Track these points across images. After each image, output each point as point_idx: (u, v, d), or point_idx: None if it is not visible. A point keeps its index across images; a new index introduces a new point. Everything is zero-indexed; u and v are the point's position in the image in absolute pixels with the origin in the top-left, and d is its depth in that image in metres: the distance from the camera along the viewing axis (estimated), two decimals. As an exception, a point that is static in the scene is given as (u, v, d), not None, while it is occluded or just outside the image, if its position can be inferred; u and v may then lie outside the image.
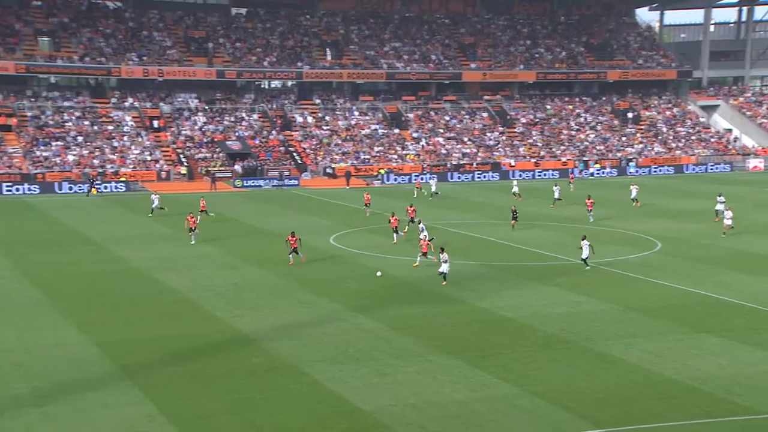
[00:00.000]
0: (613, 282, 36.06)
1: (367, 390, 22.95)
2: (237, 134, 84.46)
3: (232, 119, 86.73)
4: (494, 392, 22.83)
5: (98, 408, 21.40)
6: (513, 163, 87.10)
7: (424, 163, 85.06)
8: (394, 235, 45.13)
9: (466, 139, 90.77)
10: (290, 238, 39.07)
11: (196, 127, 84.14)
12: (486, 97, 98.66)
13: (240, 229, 50.27)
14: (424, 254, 37.91)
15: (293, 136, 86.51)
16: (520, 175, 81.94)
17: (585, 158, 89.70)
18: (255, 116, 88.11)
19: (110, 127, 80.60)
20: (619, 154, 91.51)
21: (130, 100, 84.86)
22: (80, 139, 77.83)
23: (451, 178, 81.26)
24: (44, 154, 74.56)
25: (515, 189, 66.75)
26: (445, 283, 34.57)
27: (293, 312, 31.04)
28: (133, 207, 60.15)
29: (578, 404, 21.78)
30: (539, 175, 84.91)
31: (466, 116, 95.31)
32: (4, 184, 67.90)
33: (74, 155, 75.26)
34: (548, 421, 20.82)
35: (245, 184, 75.08)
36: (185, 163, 78.11)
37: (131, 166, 75.68)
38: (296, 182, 76.69)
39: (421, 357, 25.85)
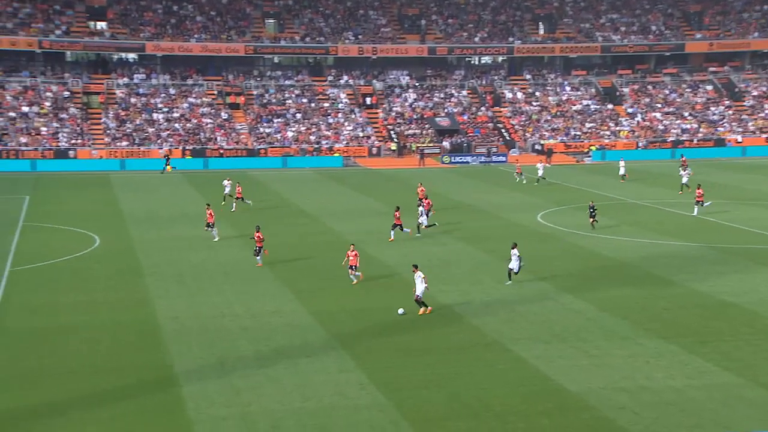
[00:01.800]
0: None
1: (575, 370, 22.55)
2: (446, 110, 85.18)
3: (442, 95, 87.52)
4: (713, 380, 21.67)
5: (314, 373, 22.59)
6: (740, 140, 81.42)
7: (639, 140, 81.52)
8: (392, 232, 39.73)
9: (686, 114, 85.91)
10: (396, 213, 39.39)
11: (407, 104, 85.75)
12: (711, 69, 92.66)
13: (447, 205, 50.80)
14: (351, 267, 31.23)
15: (502, 113, 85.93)
16: (745, 152, 76.25)
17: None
18: (464, 92, 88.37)
19: (326, 105, 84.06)
20: None
21: (345, 77, 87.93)
22: (299, 116, 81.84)
23: (673, 156, 77.27)
24: (267, 130, 79.17)
25: (622, 171, 61.63)
26: (424, 310, 27.31)
27: (499, 289, 31.02)
28: (345, 182, 62.46)
29: (807, 401, 20.22)
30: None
31: (688, 89, 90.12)
32: (232, 159, 72.82)
33: (293, 131, 79.29)
34: (772, 416, 19.50)
35: (453, 161, 75.66)
36: (395, 140, 79.98)
37: (344, 142, 78.58)
38: (504, 159, 76.24)
39: (632, 340, 25.00)
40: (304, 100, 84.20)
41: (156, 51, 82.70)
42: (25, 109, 74.94)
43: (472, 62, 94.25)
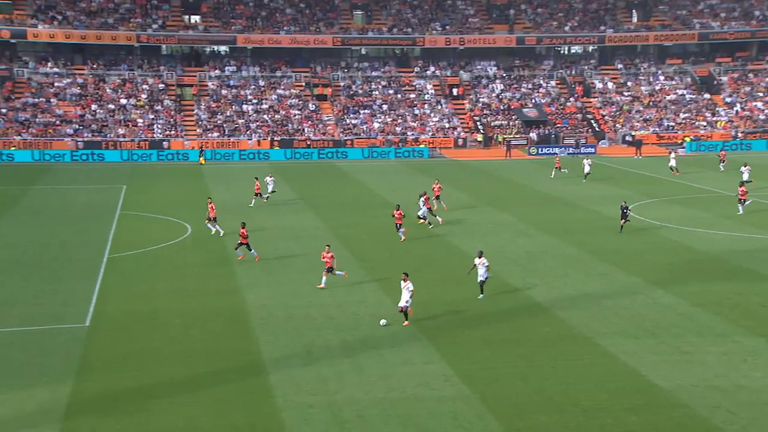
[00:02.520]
0: None
1: (666, 367, 22.00)
2: (534, 101, 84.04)
3: (530, 86, 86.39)
4: (815, 382, 20.80)
5: (399, 364, 22.69)
6: None
7: (737, 130, 78.65)
8: (400, 232, 37.99)
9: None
10: (396, 213, 38.06)
11: (494, 95, 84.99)
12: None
13: (534, 197, 50.17)
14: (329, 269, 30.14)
15: (592, 103, 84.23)
16: None
17: None
18: (553, 83, 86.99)
19: (412, 96, 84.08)
20: None
21: (432, 68, 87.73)
22: (385, 107, 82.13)
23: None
24: (353, 121, 79.75)
25: (672, 162, 58.69)
26: (407, 323, 25.70)
27: (586, 282, 30.49)
28: (431, 173, 62.36)
29: None
30: None
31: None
32: (319, 150, 73.70)
33: (379, 123, 79.63)
34: None
35: (540, 152, 74.62)
36: (481, 131, 79.39)
37: (430, 134, 78.45)
38: (593, 150, 74.74)
39: (727, 337, 24.21)
40: (391, 92, 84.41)
41: (246, 44, 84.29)
42: (123, 101, 77.55)
43: (562, 52, 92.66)
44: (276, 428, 18.94)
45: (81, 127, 73.08)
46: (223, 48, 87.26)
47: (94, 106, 76.07)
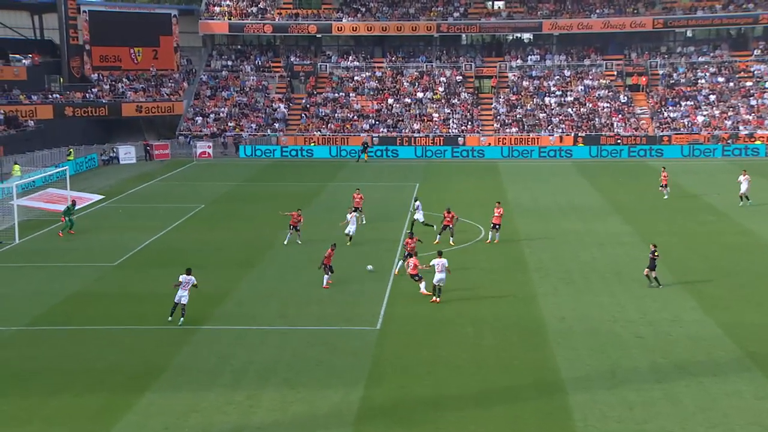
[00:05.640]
0: None
1: None
2: None
3: None
4: None
5: (723, 396, 21.26)
6: None
7: None
8: (403, 262, 32.77)
9: None
10: (446, 214, 37.60)
11: None
12: None
13: None
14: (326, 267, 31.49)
15: None
16: None
17: None
18: None
19: (748, 84, 78.54)
20: None
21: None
22: (712, 97, 77.57)
23: None
24: (672, 114, 76.24)
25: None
26: (437, 299, 29.32)
27: None
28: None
29: None
30: None
31: None
32: (630, 147, 71.29)
33: (704, 116, 75.39)
34: None
35: None
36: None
37: (768, 128, 72.87)
38: None
39: None
40: (721, 79, 79.58)
41: (553, 30, 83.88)
42: (420, 95, 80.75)
43: None
44: (574, 456, 18.52)
45: (377, 122, 77.23)
46: (526, 35, 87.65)
47: (390, 100, 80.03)
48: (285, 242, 38.21)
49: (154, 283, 32.31)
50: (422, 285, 30.23)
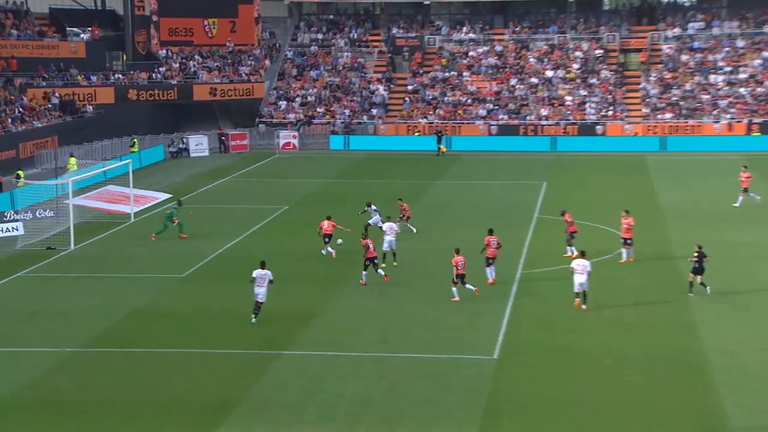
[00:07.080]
0: None
1: None
2: None
3: None
4: None
5: None
6: None
7: None
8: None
9: None
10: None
11: None
12: None
13: None
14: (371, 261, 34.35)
15: None
16: None
17: None
18: None
19: None
20: None
21: None
22: None
23: None
24: None
25: None
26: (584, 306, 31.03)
27: None
28: None
29: None
30: None
31: None
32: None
33: None
34: None
35: None
36: None
37: None
38: None
39: None
40: None
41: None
42: (549, 73, 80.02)
43: None
44: None
45: (496, 108, 76.92)
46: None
47: (513, 81, 79.63)
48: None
49: (228, 298, 32.98)
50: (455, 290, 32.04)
